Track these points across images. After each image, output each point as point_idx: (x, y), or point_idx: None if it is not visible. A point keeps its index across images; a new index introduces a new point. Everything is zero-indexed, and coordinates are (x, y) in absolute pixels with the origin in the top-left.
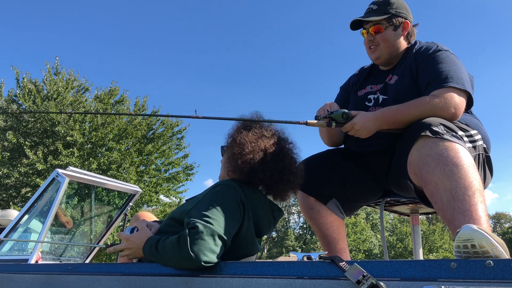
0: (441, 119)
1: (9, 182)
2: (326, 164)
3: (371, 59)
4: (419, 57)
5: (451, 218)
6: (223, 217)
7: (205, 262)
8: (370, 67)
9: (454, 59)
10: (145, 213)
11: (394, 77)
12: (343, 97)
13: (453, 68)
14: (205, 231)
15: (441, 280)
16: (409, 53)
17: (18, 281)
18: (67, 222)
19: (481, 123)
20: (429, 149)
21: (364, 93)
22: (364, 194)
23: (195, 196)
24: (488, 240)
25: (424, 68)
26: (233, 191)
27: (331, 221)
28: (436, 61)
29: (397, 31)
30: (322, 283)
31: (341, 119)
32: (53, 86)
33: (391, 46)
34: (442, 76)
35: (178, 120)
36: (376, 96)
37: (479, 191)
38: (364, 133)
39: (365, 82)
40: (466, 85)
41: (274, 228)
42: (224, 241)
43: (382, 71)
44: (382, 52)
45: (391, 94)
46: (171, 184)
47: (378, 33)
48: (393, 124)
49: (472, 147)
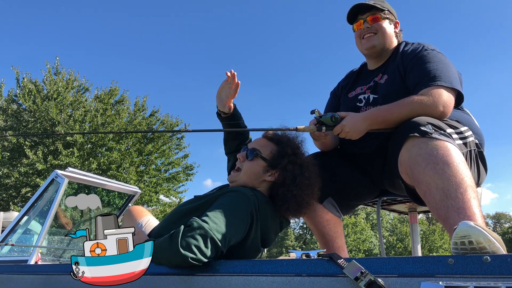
0: (429, 118)
1: (9, 182)
2: (322, 163)
3: (365, 48)
4: (406, 57)
5: (445, 216)
6: (225, 223)
7: (192, 259)
8: (358, 70)
9: (442, 57)
10: (137, 207)
11: (384, 76)
12: (333, 102)
13: (441, 67)
14: (198, 230)
15: (438, 276)
16: (397, 53)
17: (18, 281)
18: (66, 223)
19: (473, 119)
20: (418, 149)
21: (354, 94)
22: (360, 193)
23: (203, 194)
24: (485, 236)
25: (412, 69)
26: (247, 202)
27: (327, 219)
28: (423, 61)
29: (391, 25)
30: (320, 280)
31: (330, 123)
32: (53, 86)
33: (387, 37)
34: (430, 75)
35: (178, 120)
36: (366, 96)
37: (470, 187)
38: (355, 134)
39: (354, 84)
40: (454, 83)
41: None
42: (217, 246)
43: (370, 72)
44: (379, 41)
45: (381, 93)
46: (171, 184)
47: (375, 22)
48: (382, 124)
49: (463, 143)
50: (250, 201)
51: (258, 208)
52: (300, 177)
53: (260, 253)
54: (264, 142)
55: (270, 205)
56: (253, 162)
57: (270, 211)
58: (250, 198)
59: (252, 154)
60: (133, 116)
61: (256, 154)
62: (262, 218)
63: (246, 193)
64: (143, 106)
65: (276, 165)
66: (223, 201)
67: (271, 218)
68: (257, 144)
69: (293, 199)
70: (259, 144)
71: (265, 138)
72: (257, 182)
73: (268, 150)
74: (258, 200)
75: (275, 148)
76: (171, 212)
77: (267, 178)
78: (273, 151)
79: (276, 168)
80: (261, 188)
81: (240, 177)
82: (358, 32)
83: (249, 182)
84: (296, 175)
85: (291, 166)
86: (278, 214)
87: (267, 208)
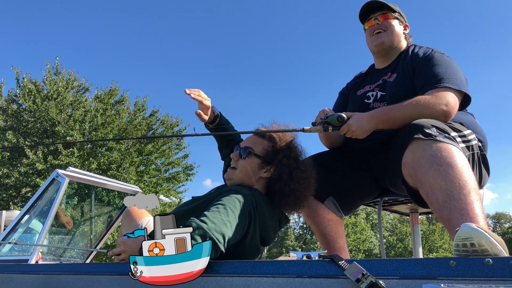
0: (433, 121)
1: (9, 182)
2: (323, 163)
3: (374, 44)
4: (416, 59)
5: (448, 217)
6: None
7: None
8: (367, 70)
9: (450, 61)
10: (136, 208)
11: (393, 75)
12: (342, 101)
13: (448, 70)
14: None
15: (440, 278)
16: (407, 54)
17: (19, 281)
18: (67, 223)
19: (477, 122)
20: (422, 151)
21: (362, 92)
22: (362, 192)
23: (200, 195)
24: (487, 239)
25: (420, 71)
26: (245, 200)
27: (328, 219)
28: (432, 63)
29: (401, 26)
30: (321, 282)
31: (336, 123)
32: (53, 86)
33: (396, 35)
34: (437, 77)
35: (178, 120)
36: (374, 93)
37: (474, 189)
38: (361, 133)
39: (363, 83)
40: (461, 85)
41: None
42: (216, 246)
43: (379, 71)
44: (388, 39)
45: (389, 90)
46: (171, 184)
47: (385, 20)
48: (388, 123)
49: (466, 147)
50: (247, 199)
51: (256, 206)
52: (296, 170)
53: (260, 253)
54: (256, 140)
55: (268, 203)
56: (247, 160)
57: (268, 208)
58: (247, 197)
59: (246, 152)
60: (133, 116)
61: (249, 152)
62: (260, 216)
63: (243, 192)
64: (143, 106)
65: (270, 161)
66: (221, 201)
67: (270, 216)
68: (249, 142)
69: (291, 193)
70: (251, 142)
71: (256, 135)
72: (254, 180)
73: (261, 147)
74: (256, 199)
75: (268, 144)
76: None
77: (263, 174)
78: (266, 148)
79: (271, 164)
80: (258, 186)
81: (236, 175)
82: (368, 30)
83: (245, 180)
84: (292, 169)
85: (286, 160)
86: (276, 211)
87: (265, 206)
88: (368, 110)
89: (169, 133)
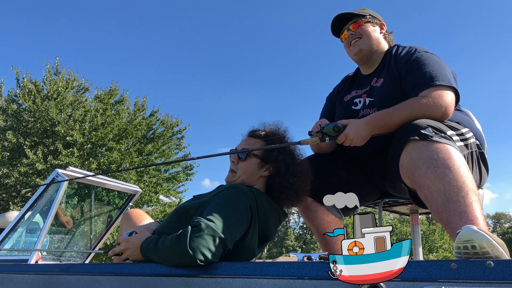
0: (428, 121)
1: (9, 182)
2: (323, 164)
3: (353, 53)
4: (400, 61)
5: (447, 220)
6: (229, 220)
7: (200, 261)
8: (353, 75)
9: (436, 58)
10: (136, 210)
11: (380, 80)
12: (329, 107)
13: (436, 68)
14: (206, 231)
15: (441, 281)
16: (390, 56)
17: (18, 281)
18: (67, 222)
19: (473, 120)
20: (419, 152)
21: (349, 98)
22: (362, 194)
23: (202, 194)
24: (488, 241)
25: (407, 72)
26: (245, 197)
27: (328, 221)
28: (418, 63)
29: (375, 27)
30: (322, 283)
31: (333, 132)
32: (53, 86)
33: (372, 39)
34: (427, 77)
35: (178, 120)
36: (362, 100)
37: (472, 190)
38: (359, 141)
39: (349, 88)
40: (452, 82)
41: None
42: (225, 244)
43: (365, 76)
44: (365, 45)
45: (377, 96)
46: (171, 184)
47: (358, 27)
48: (384, 128)
49: (464, 145)
50: (247, 195)
51: (256, 202)
52: (293, 165)
53: (260, 251)
54: (252, 141)
55: (268, 199)
56: (247, 161)
57: (268, 204)
58: (247, 193)
59: (244, 154)
60: (133, 116)
61: (248, 153)
62: (260, 212)
63: (242, 189)
64: (143, 106)
65: (268, 159)
66: (223, 198)
67: (270, 211)
68: (246, 144)
69: (290, 188)
70: (248, 143)
71: (251, 137)
72: (254, 180)
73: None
74: (255, 195)
75: (264, 143)
76: (173, 212)
77: (263, 173)
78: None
79: (269, 162)
80: (257, 185)
81: (237, 177)
82: (345, 42)
83: (247, 180)
84: (288, 164)
85: (282, 156)
86: (275, 206)
87: (264, 202)
88: (357, 117)
89: (169, 133)
